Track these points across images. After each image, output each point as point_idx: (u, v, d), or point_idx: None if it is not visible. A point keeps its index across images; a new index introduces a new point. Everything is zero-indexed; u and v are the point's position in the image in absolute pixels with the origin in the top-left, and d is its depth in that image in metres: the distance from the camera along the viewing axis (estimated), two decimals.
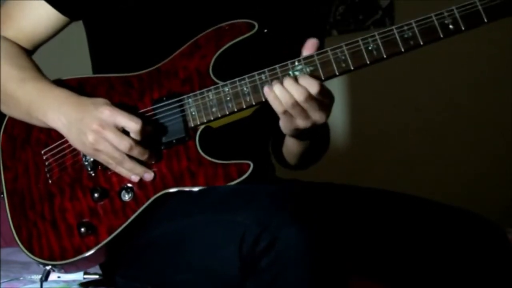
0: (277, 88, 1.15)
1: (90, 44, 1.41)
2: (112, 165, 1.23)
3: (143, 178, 1.23)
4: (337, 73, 1.18)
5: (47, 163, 1.29)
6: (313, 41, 1.20)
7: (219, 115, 1.23)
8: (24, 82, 1.29)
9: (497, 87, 2.58)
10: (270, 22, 1.28)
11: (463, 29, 1.14)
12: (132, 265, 1.28)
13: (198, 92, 1.24)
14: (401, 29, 1.16)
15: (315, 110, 1.17)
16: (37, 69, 1.33)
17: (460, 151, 2.67)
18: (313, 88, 1.15)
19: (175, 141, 1.24)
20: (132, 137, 1.19)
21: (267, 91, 1.17)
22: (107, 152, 1.20)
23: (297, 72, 1.18)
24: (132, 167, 1.22)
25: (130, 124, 1.19)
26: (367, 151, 2.83)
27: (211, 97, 1.23)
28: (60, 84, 1.30)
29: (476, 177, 2.63)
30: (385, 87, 2.76)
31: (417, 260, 1.24)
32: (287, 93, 1.15)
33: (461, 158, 2.66)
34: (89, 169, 1.25)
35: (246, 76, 1.21)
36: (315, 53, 1.18)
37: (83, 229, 1.22)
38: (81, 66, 1.53)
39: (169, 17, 1.30)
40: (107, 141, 1.19)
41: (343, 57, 1.17)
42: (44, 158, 1.29)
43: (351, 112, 2.89)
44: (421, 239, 1.24)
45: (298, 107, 1.16)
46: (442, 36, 1.15)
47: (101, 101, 1.21)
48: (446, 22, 1.14)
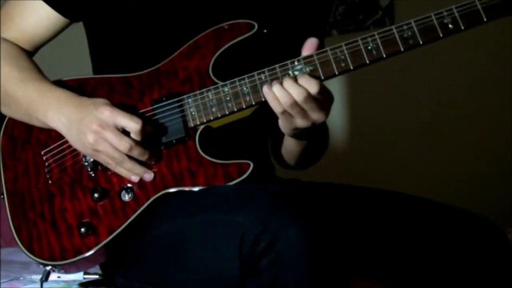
0: (276, 88, 1.15)
1: (90, 44, 1.41)
2: (112, 165, 1.23)
3: (143, 178, 1.23)
4: (336, 72, 1.18)
5: (47, 163, 1.29)
6: (312, 40, 1.20)
7: (219, 115, 1.23)
8: (24, 83, 1.29)
9: (497, 87, 2.58)
10: (270, 22, 1.28)
11: (462, 28, 1.14)
12: (132, 265, 1.28)
13: (198, 92, 1.24)
14: (400, 28, 1.15)
15: (314, 110, 1.17)
16: (37, 70, 1.33)
17: (460, 151, 2.66)
18: (313, 88, 1.15)
19: (175, 141, 1.24)
20: (132, 137, 1.20)
21: (266, 91, 1.17)
22: (107, 152, 1.20)
23: (296, 72, 1.18)
24: (132, 168, 1.22)
25: (130, 124, 1.19)
26: (366, 151, 2.83)
27: (210, 97, 1.23)
28: (60, 85, 1.30)
29: (476, 177, 2.62)
30: (384, 86, 2.75)
31: (417, 260, 1.24)
32: (286, 93, 1.14)
33: (461, 158, 2.66)
34: (89, 170, 1.25)
35: (246, 76, 1.21)
36: (314, 53, 1.18)
37: (83, 229, 1.22)
38: (81, 67, 1.53)
39: (169, 17, 1.30)
40: (107, 141, 1.19)
41: (342, 56, 1.17)
42: (44, 159, 1.29)
43: (351, 112, 2.89)
44: (421, 239, 1.24)
45: (297, 107, 1.16)
46: (441, 36, 1.14)
47: (101, 101, 1.21)
48: (445, 21, 1.14)
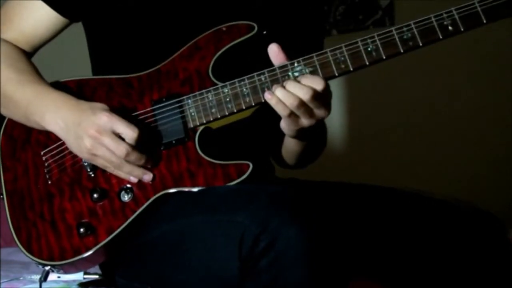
0: (279, 92, 1.14)
1: (90, 45, 1.41)
2: (109, 168, 1.23)
3: (142, 179, 1.23)
4: (336, 74, 1.18)
5: (46, 164, 1.29)
6: (272, 48, 1.19)
7: (218, 116, 1.23)
8: (22, 85, 1.29)
9: (497, 87, 2.58)
10: (269, 24, 1.28)
11: (462, 30, 1.14)
12: (132, 265, 1.28)
13: (197, 93, 1.24)
14: (400, 30, 1.15)
15: (319, 107, 1.17)
16: (35, 72, 1.33)
17: (460, 151, 2.66)
18: (319, 86, 1.14)
19: (174, 141, 1.24)
20: (129, 143, 1.19)
21: (269, 97, 1.15)
22: (104, 157, 1.20)
23: (296, 73, 1.18)
24: (130, 170, 1.22)
25: (127, 131, 1.18)
26: (366, 150, 2.83)
27: (210, 98, 1.23)
28: (58, 87, 1.30)
29: (476, 177, 2.62)
30: (383, 86, 2.75)
31: (417, 259, 1.24)
32: (291, 95, 1.14)
33: (461, 158, 2.66)
34: (89, 170, 1.25)
35: (246, 77, 1.21)
36: (314, 54, 1.18)
37: (82, 229, 1.22)
38: (80, 67, 1.53)
39: (168, 18, 1.30)
40: (104, 146, 1.19)
41: (342, 58, 1.17)
42: (44, 159, 1.29)
43: (350, 111, 2.89)
44: (421, 237, 1.24)
45: (304, 106, 1.15)
46: (441, 37, 1.14)
47: (99, 106, 1.21)
48: (445, 23, 1.14)
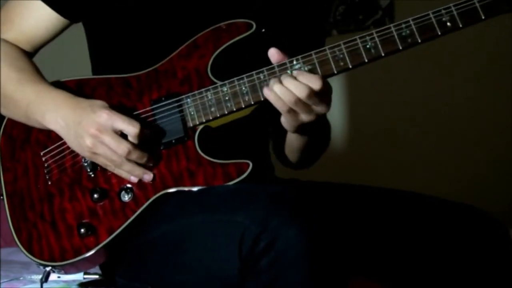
0: (277, 87, 1.14)
1: (90, 45, 1.41)
2: (110, 167, 1.23)
3: (142, 179, 1.23)
4: (335, 71, 1.18)
5: (46, 164, 1.29)
6: (271, 52, 1.19)
7: (218, 115, 1.22)
8: (22, 84, 1.29)
9: (497, 87, 2.57)
10: (268, 22, 1.29)
11: (460, 26, 1.14)
12: (132, 265, 1.28)
13: (196, 92, 1.24)
14: (398, 27, 1.15)
15: (317, 103, 1.17)
16: (36, 71, 1.33)
17: (460, 151, 2.66)
18: (316, 84, 1.14)
19: (174, 141, 1.24)
20: (130, 140, 1.19)
21: (267, 92, 1.16)
22: (105, 155, 1.20)
23: (295, 71, 1.18)
24: (131, 169, 1.22)
25: (128, 128, 1.18)
26: (366, 151, 2.83)
27: (209, 97, 1.23)
28: (59, 86, 1.30)
29: (476, 177, 2.62)
30: (384, 85, 2.75)
31: (417, 259, 1.24)
32: (288, 92, 1.14)
33: (461, 158, 2.65)
34: (89, 170, 1.25)
35: (245, 75, 1.21)
36: (313, 52, 1.18)
37: (83, 229, 1.22)
38: (80, 67, 1.53)
39: (167, 17, 1.30)
40: (105, 145, 1.19)
41: (341, 55, 1.17)
42: (44, 160, 1.29)
43: (350, 111, 2.88)
44: (421, 237, 1.24)
45: (301, 103, 1.15)
46: (440, 34, 1.14)
47: (99, 104, 1.21)
48: (443, 19, 1.14)
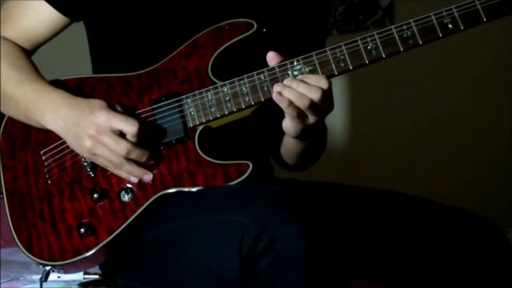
0: (291, 94, 1.14)
1: (90, 43, 1.41)
2: (110, 168, 1.23)
3: (142, 179, 1.23)
4: (336, 72, 1.18)
5: (46, 163, 1.29)
6: (270, 55, 1.20)
7: (218, 115, 1.22)
8: (22, 84, 1.29)
9: (497, 87, 2.58)
10: (269, 22, 1.28)
11: (462, 28, 1.14)
12: (132, 265, 1.28)
13: (197, 92, 1.24)
14: (400, 28, 1.15)
15: (326, 103, 1.17)
16: (35, 70, 1.33)
17: (460, 151, 2.66)
18: (324, 84, 1.15)
19: (174, 141, 1.24)
20: (129, 139, 1.19)
21: (279, 98, 1.15)
22: (105, 156, 1.20)
23: (296, 72, 1.18)
24: (131, 170, 1.21)
25: (127, 127, 1.18)
26: (366, 151, 2.83)
27: (210, 97, 1.23)
28: (58, 85, 1.29)
29: (476, 177, 2.62)
30: (384, 86, 2.75)
31: (417, 260, 1.24)
32: (302, 96, 1.14)
33: (461, 159, 2.66)
34: (89, 170, 1.25)
35: (245, 76, 1.21)
36: (314, 53, 1.18)
37: (82, 229, 1.22)
38: (81, 66, 1.53)
39: (168, 16, 1.30)
40: (104, 146, 1.18)
41: (342, 56, 1.17)
42: (43, 159, 1.29)
43: (350, 112, 2.88)
44: (421, 239, 1.24)
45: (314, 105, 1.15)
46: (441, 36, 1.14)
47: (97, 104, 1.21)
48: (445, 21, 1.14)
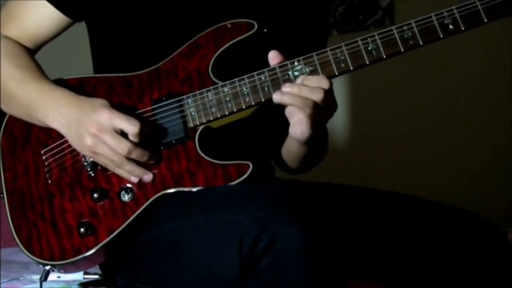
0: (294, 100, 1.15)
1: (92, 43, 1.41)
2: (111, 167, 1.23)
3: (142, 179, 1.23)
4: (336, 73, 1.18)
5: (46, 163, 1.29)
6: (272, 54, 1.20)
7: (218, 116, 1.22)
8: (24, 82, 1.29)
9: (497, 87, 2.58)
10: (270, 22, 1.28)
11: (462, 29, 1.14)
12: (132, 265, 1.28)
13: (197, 92, 1.24)
14: (400, 29, 1.15)
15: (330, 102, 1.18)
16: (38, 68, 1.33)
17: (460, 151, 2.66)
18: (325, 84, 1.15)
19: (174, 141, 1.24)
20: (131, 139, 1.19)
21: (280, 99, 1.16)
22: (106, 155, 1.20)
23: (296, 73, 1.18)
24: (131, 169, 1.22)
25: (128, 127, 1.18)
26: (367, 151, 2.83)
27: (210, 97, 1.23)
28: (60, 84, 1.29)
29: (476, 177, 2.62)
30: (385, 86, 2.75)
31: (417, 260, 1.24)
32: (307, 100, 1.15)
33: (461, 158, 2.66)
34: (89, 170, 1.25)
35: (246, 76, 1.21)
36: (314, 53, 1.18)
37: (82, 229, 1.22)
38: (82, 66, 1.53)
39: (168, 16, 1.30)
40: (105, 144, 1.19)
41: (342, 57, 1.17)
42: (44, 158, 1.29)
43: (351, 112, 2.89)
44: (421, 240, 1.24)
45: (319, 106, 1.16)
46: (441, 36, 1.15)
47: (100, 103, 1.21)
48: (445, 22, 1.14)
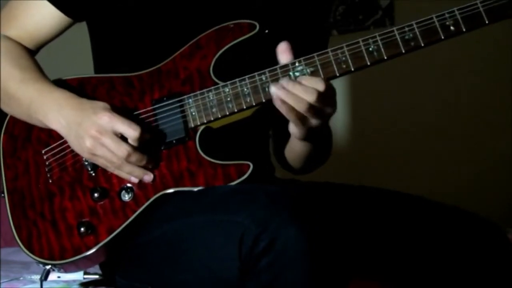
0: (288, 97, 1.14)
1: (93, 43, 1.41)
2: (110, 168, 1.23)
3: (142, 180, 1.23)
4: (337, 74, 1.18)
5: (47, 162, 1.29)
6: (282, 44, 1.19)
7: (219, 116, 1.22)
8: (25, 83, 1.29)
9: (497, 87, 2.58)
10: (271, 23, 1.28)
11: (464, 30, 1.14)
12: (132, 265, 1.28)
13: (198, 92, 1.24)
14: (402, 30, 1.15)
15: (325, 105, 1.17)
16: (38, 69, 1.33)
17: (460, 151, 2.66)
18: (319, 86, 1.15)
19: (175, 141, 1.24)
20: (131, 143, 1.19)
21: (279, 104, 1.14)
22: (105, 157, 1.20)
23: (297, 73, 1.18)
24: (131, 171, 1.22)
25: (129, 132, 1.18)
26: (367, 151, 2.83)
27: (211, 98, 1.23)
28: (61, 85, 1.30)
29: (476, 177, 2.62)
30: (385, 86, 2.75)
31: (417, 260, 1.24)
32: (299, 99, 1.14)
33: (461, 158, 2.66)
34: (90, 169, 1.25)
35: (247, 76, 1.21)
36: (315, 54, 1.18)
37: (82, 228, 1.22)
38: (82, 66, 1.53)
39: (170, 17, 1.30)
40: (104, 147, 1.19)
41: (343, 58, 1.17)
42: (45, 158, 1.29)
43: (352, 112, 2.89)
44: (421, 239, 1.24)
45: (312, 108, 1.15)
46: (443, 38, 1.14)
47: (101, 105, 1.21)
48: (447, 23, 1.14)
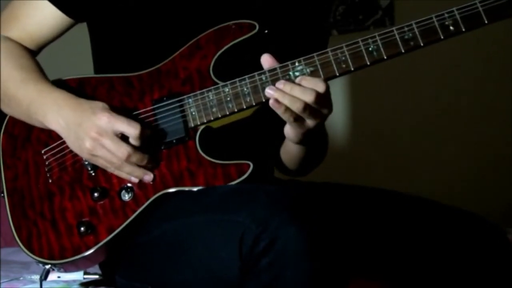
0: (285, 99, 1.13)
1: (93, 44, 1.41)
2: (110, 169, 1.23)
3: (142, 180, 1.23)
4: (337, 73, 1.18)
5: (47, 162, 1.29)
6: (265, 57, 1.20)
7: (219, 115, 1.22)
8: (24, 83, 1.29)
9: (497, 87, 2.58)
10: (271, 23, 1.28)
11: (463, 30, 1.14)
12: (132, 265, 1.28)
13: (198, 92, 1.24)
14: (401, 30, 1.16)
15: (323, 106, 1.17)
16: (38, 70, 1.33)
17: (460, 151, 2.66)
18: (320, 87, 1.14)
19: (175, 141, 1.24)
20: (131, 142, 1.19)
21: (276, 105, 1.14)
22: (105, 158, 1.20)
23: (297, 73, 1.18)
24: (131, 171, 1.22)
25: (129, 130, 1.18)
26: (367, 151, 2.83)
27: (211, 97, 1.23)
28: (60, 85, 1.30)
29: (476, 177, 2.62)
30: (385, 86, 2.75)
31: (417, 260, 1.24)
32: (296, 100, 1.13)
33: (461, 158, 2.66)
34: (89, 169, 1.25)
35: (247, 76, 1.21)
36: (315, 54, 1.18)
37: (82, 228, 1.22)
38: (82, 66, 1.53)
39: (169, 17, 1.30)
40: (104, 148, 1.19)
41: (343, 57, 1.17)
42: (45, 158, 1.29)
43: (351, 112, 2.89)
44: (421, 240, 1.25)
45: (309, 109, 1.15)
46: (442, 38, 1.15)
47: (100, 106, 1.21)
48: (446, 23, 1.14)
